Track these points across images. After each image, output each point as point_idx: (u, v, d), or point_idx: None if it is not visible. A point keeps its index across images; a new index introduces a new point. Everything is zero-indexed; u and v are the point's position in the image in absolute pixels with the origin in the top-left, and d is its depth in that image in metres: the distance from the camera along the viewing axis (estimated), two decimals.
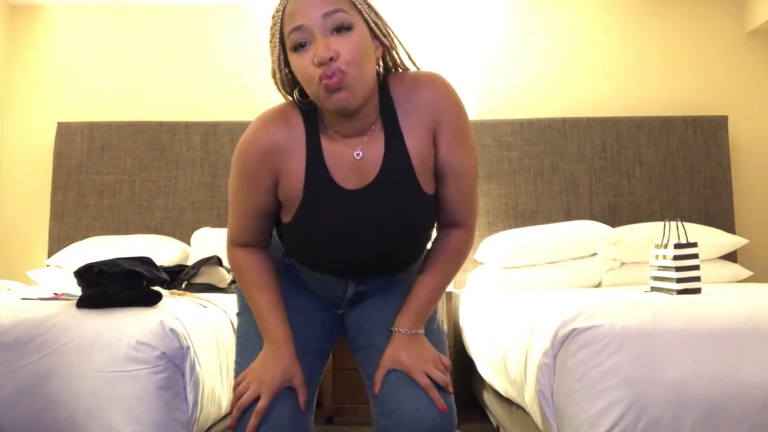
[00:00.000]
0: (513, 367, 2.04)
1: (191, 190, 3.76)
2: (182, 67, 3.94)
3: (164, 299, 2.05)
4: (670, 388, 1.64)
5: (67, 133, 3.81)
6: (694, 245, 2.36)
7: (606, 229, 3.24)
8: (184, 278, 2.87)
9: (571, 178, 3.70)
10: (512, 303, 2.43)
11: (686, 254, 2.33)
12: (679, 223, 2.59)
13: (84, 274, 1.94)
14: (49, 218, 3.79)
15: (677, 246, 2.36)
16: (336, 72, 1.19)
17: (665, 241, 2.46)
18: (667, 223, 2.58)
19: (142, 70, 3.95)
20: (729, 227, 3.63)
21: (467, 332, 3.07)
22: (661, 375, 1.65)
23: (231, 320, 2.27)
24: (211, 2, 3.94)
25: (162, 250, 3.34)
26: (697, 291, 2.30)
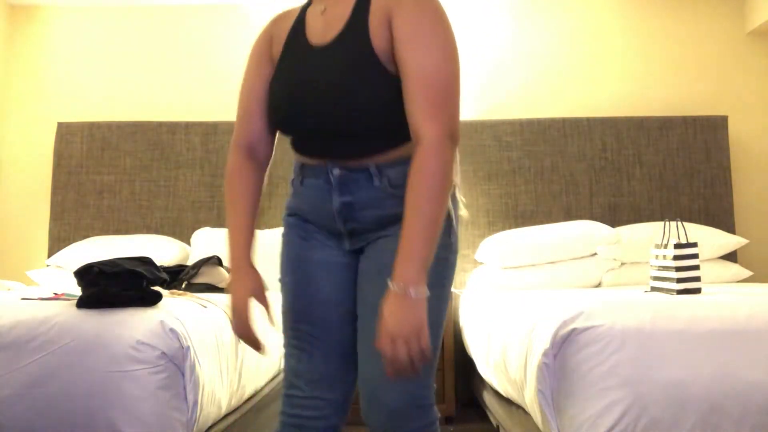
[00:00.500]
0: (513, 367, 2.04)
1: (191, 190, 3.76)
2: (182, 67, 3.94)
3: (164, 299, 2.06)
4: (670, 388, 1.64)
5: (67, 133, 3.81)
6: (694, 245, 2.36)
7: (606, 229, 3.24)
8: (184, 278, 2.88)
9: (571, 178, 3.70)
10: (512, 303, 2.43)
11: (686, 254, 2.33)
12: (679, 223, 2.59)
13: (84, 274, 1.94)
14: (49, 218, 3.79)
15: (677, 246, 2.36)
16: None
17: (665, 241, 2.46)
18: (667, 223, 2.58)
19: (142, 70, 3.95)
20: (729, 227, 3.63)
21: (467, 332, 3.07)
22: (661, 375, 1.65)
23: (231, 320, 2.27)
24: (211, 2, 3.94)
25: (162, 250, 3.34)
26: (697, 291, 2.30)
